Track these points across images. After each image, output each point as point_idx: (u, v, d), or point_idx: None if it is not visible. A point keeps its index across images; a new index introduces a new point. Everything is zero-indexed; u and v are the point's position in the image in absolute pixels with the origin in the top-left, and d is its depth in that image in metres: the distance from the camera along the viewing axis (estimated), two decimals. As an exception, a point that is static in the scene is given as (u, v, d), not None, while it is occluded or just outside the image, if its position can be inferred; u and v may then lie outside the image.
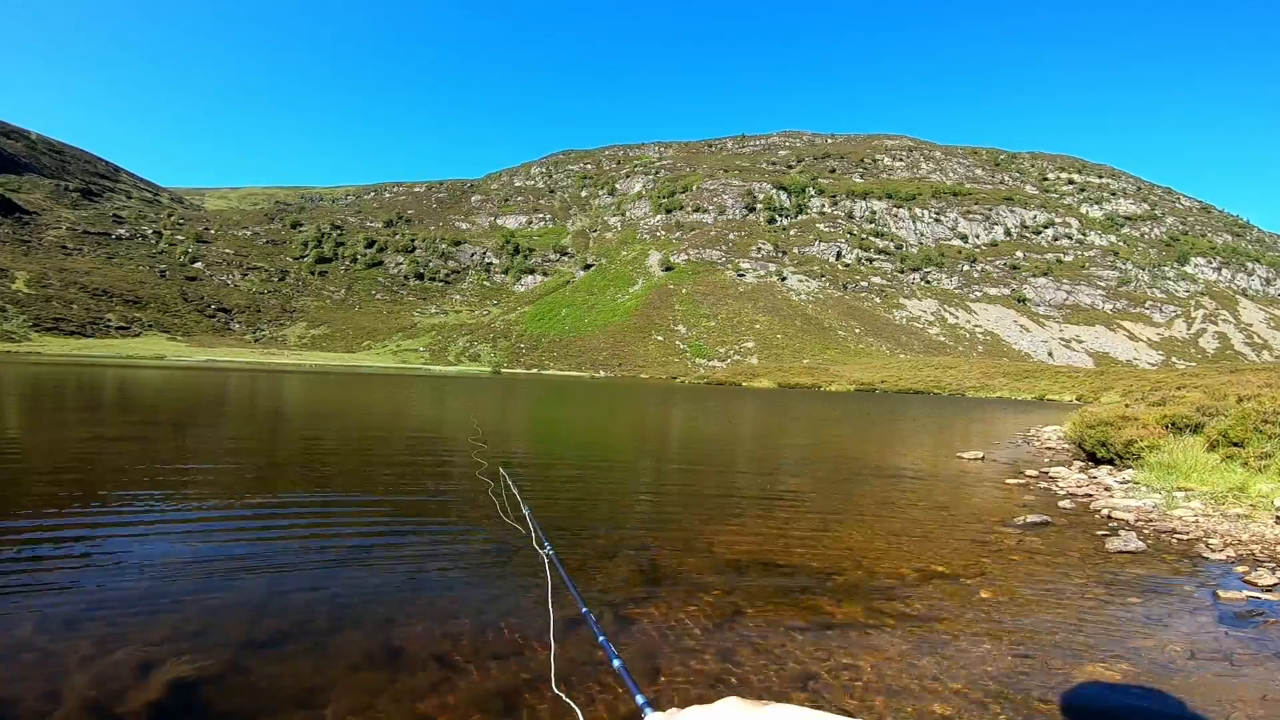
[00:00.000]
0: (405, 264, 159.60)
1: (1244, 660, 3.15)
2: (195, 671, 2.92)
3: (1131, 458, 9.42)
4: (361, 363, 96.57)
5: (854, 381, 69.38)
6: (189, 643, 3.20)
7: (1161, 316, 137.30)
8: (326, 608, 3.68)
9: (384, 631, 3.39)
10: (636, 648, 3.27)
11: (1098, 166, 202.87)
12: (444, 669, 3.06)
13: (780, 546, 5.25)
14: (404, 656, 3.14)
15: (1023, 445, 14.78)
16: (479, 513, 6.16)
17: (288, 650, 3.14)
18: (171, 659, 3.03)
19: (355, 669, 2.98)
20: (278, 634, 3.31)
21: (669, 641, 3.36)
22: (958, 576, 4.52)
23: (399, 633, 3.38)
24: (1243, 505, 6.16)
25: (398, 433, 13.42)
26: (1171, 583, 4.34)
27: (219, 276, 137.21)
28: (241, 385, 28.54)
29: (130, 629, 3.31)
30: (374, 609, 3.68)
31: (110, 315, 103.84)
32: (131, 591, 3.81)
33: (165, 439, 10.46)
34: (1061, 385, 59.13)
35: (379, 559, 4.63)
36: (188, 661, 3.00)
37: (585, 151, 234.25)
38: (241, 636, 3.27)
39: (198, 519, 5.55)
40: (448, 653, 3.21)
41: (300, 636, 3.29)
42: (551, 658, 2.92)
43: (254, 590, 3.89)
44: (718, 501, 7.05)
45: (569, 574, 3.22)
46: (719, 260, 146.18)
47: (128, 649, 3.10)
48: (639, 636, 3.44)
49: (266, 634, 3.31)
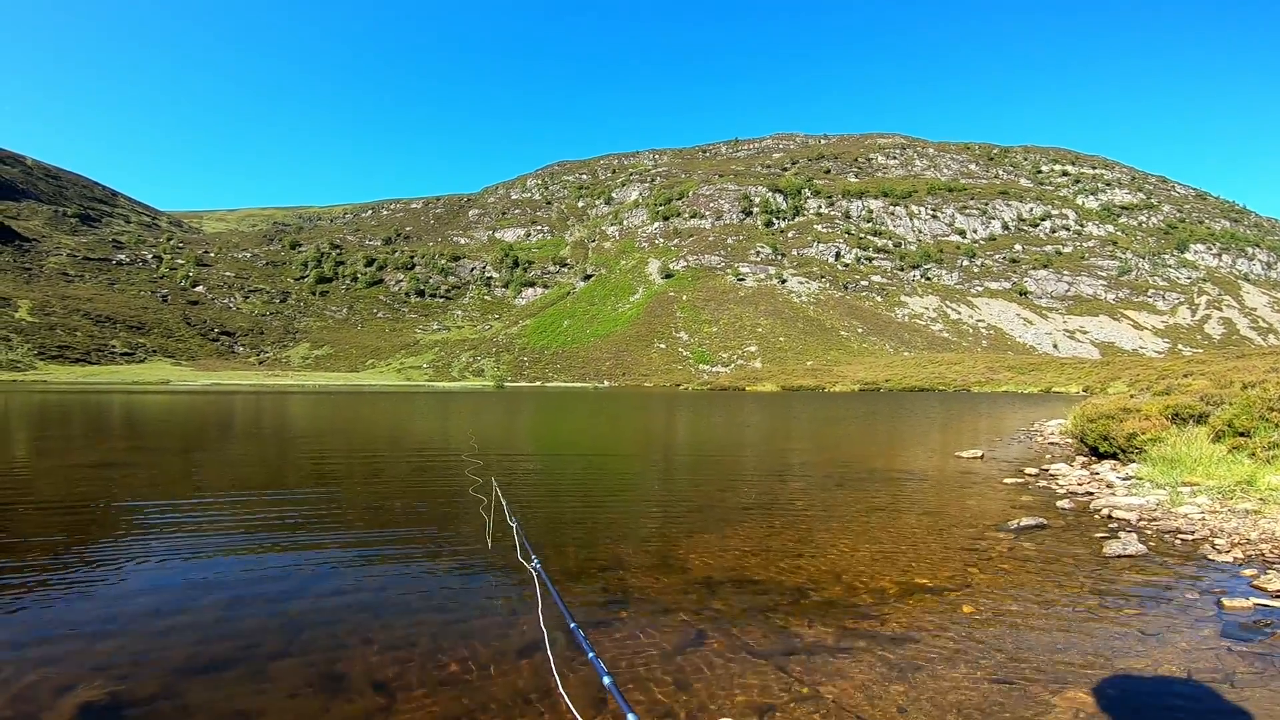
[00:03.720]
0: (406, 281, 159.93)
1: (1246, 680, 2.83)
2: (121, 694, 2.83)
3: (1135, 451, 9.07)
4: (365, 381, 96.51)
5: (858, 381, 68.94)
6: (125, 665, 3.12)
7: (1165, 304, 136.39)
8: (279, 630, 3.59)
9: (332, 656, 3.30)
10: (588, 673, 3.12)
11: (1091, 158, 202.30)
12: (384, 697, 2.93)
13: (759, 561, 4.97)
14: (345, 683, 3.03)
15: (1025, 441, 14.43)
16: (459, 531, 5.98)
17: (228, 675, 3.05)
18: (101, 681, 2.94)
19: (293, 695, 2.91)
20: (222, 657, 3.23)
21: (622, 667, 3.20)
22: (941, 590, 4.21)
23: (348, 657, 3.29)
24: (1251, 499, 5.83)
25: (391, 450, 13.18)
26: (1172, 591, 4.01)
27: (220, 300, 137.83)
28: (238, 408, 28.36)
29: (68, 652, 3.26)
30: (328, 632, 3.61)
31: (114, 342, 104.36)
32: (82, 614, 3.80)
33: (149, 465, 10.25)
34: (1068, 377, 58.56)
35: (346, 579, 4.54)
36: (117, 684, 2.98)
37: (580, 161, 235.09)
38: (183, 660, 3.19)
39: (169, 542, 5.44)
40: (391, 680, 3.06)
41: (244, 660, 3.20)
42: (555, 673, 2.82)
43: (208, 612, 3.88)
44: (705, 514, 6.76)
45: (541, 591, 2.95)
46: (718, 265, 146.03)
47: (55, 670, 3.07)
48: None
49: (210, 657, 3.23)
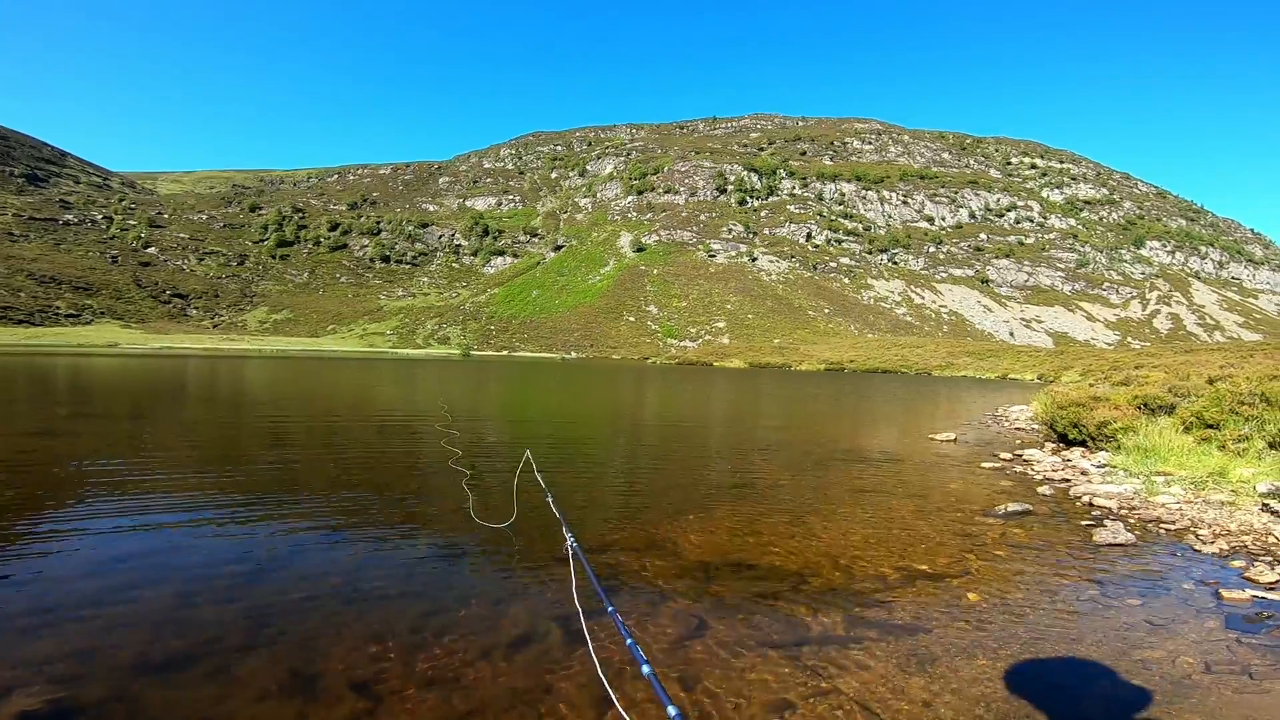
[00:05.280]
0: (371, 247, 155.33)
1: (1264, 673, 2.85)
2: (64, 702, 2.56)
3: (1104, 440, 9.28)
4: (326, 347, 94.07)
5: (824, 361, 69.89)
6: (66, 666, 2.80)
7: (1118, 298, 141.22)
8: (241, 623, 3.28)
9: (303, 652, 3.00)
10: (590, 671, 2.91)
11: (1059, 152, 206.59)
12: (366, 700, 2.66)
13: (752, 544, 4.87)
14: (321, 684, 2.75)
15: (992, 425, 14.72)
16: (436, 509, 5.70)
17: (187, 674, 2.77)
18: (39, 687, 2.63)
19: (262, 698, 2.64)
20: (179, 654, 2.93)
21: (623, 661, 3.00)
22: (942, 576, 4.18)
23: (322, 653, 2.99)
24: (1224, 491, 5.97)
25: (356, 420, 12.73)
26: (1168, 580, 4.06)
27: (174, 261, 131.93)
28: (191, 372, 27.24)
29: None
30: (297, 624, 3.30)
31: (59, 303, 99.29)
32: (12, 605, 3.40)
33: (93, 433, 9.68)
34: (1023, 364, 60.26)
35: (312, 565, 4.22)
36: (57, 689, 2.63)
37: (556, 133, 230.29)
38: (133, 658, 2.88)
39: (114, 521, 5.01)
40: (372, 681, 2.80)
41: (204, 657, 2.91)
42: (597, 667, 2.56)
43: (160, 602, 3.51)
44: (686, 492, 6.65)
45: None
46: (690, 241, 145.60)
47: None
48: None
49: (165, 655, 2.93)
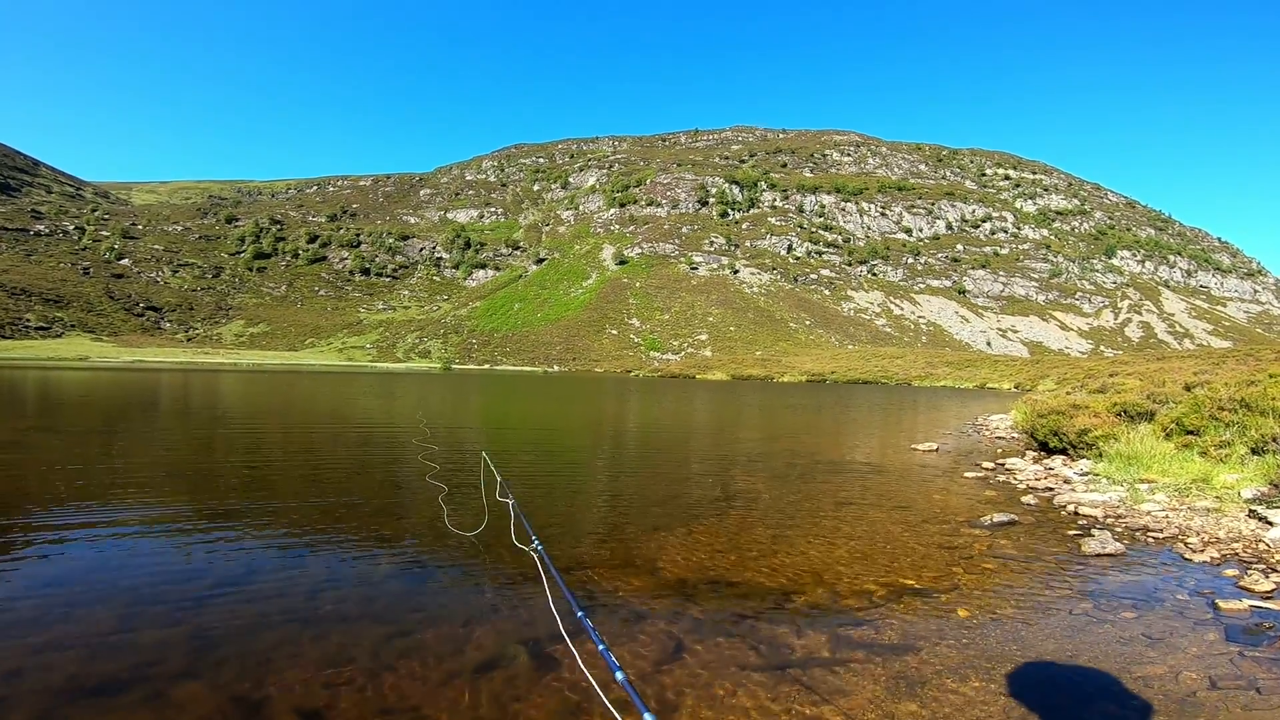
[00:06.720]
0: (350, 259, 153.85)
1: (1271, 687, 2.72)
2: None
3: (1085, 447, 9.24)
4: (304, 361, 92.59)
5: (805, 372, 70.20)
6: None
7: (1090, 307, 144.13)
8: (185, 646, 3.09)
9: (251, 678, 2.79)
10: (567, 679, 2.80)
11: (1031, 163, 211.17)
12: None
13: (733, 560, 4.69)
14: (266, 712, 2.56)
15: (972, 435, 14.73)
16: (408, 522, 5.47)
17: (119, 699, 2.61)
18: None
19: None
20: (113, 678, 2.77)
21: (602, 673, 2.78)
22: (930, 591, 4.02)
23: (271, 679, 2.79)
24: (1209, 498, 5.91)
25: (331, 434, 12.36)
26: (1161, 591, 3.94)
27: (147, 274, 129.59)
28: (163, 385, 26.50)
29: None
30: (247, 647, 3.08)
31: (29, 315, 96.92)
32: None
33: (51, 448, 9.24)
34: (1000, 374, 60.97)
35: (270, 584, 3.97)
36: None
37: (538, 145, 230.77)
38: (64, 681, 2.73)
39: (61, 537, 4.75)
40: (325, 708, 2.60)
41: (140, 681, 2.75)
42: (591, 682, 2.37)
43: (100, 623, 3.32)
44: (666, 507, 6.45)
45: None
46: (672, 254, 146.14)
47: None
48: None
49: (99, 677, 2.77)
